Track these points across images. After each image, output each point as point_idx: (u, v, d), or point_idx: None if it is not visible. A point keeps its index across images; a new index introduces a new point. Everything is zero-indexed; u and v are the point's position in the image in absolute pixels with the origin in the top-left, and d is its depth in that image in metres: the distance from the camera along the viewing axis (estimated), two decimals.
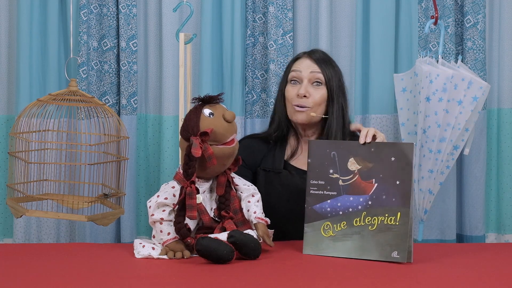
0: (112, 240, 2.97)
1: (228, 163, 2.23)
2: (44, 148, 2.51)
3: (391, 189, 2.19)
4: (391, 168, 2.20)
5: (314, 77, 2.50)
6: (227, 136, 2.19)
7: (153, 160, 2.98)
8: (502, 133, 2.99)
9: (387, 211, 2.18)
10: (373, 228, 2.19)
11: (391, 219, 2.18)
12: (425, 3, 2.96)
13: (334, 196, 2.26)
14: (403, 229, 2.16)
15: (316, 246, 2.25)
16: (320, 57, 2.54)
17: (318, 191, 2.28)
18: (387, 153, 2.21)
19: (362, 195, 2.22)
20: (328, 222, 2.25)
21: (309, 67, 2.51)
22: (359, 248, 2.19)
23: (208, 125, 2.17)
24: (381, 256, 2.16)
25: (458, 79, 2.65)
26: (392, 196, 2.18)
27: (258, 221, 2.26)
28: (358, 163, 2.24)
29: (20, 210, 2.37)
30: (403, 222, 2.16)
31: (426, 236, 2.97)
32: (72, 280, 1.97)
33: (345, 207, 2.24)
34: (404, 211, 2.16)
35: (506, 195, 3.00)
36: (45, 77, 2.91)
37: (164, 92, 2.92)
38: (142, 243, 2.24)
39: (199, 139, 2.15)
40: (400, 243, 2.15)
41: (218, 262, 2.10)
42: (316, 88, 2.50)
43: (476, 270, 2.11)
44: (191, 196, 2.15)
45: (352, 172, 2.24)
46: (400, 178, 2.18)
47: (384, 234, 2.17)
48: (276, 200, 2.48)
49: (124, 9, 2.92)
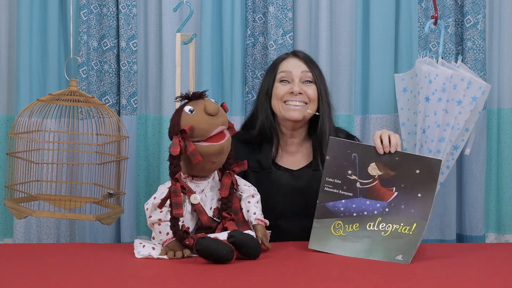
0: (112, 240, 2.97)
1: (218, 160, 2.22)
2: (44, 148, 2.51)
3: (411, 200, 2.20)
4: (414, 180, 2.21)
5: (305, 76, 2.53)
6: (210, 129, 2.18)
7: (153, 160, 2.98)
8: (502, 133, 2.99)
9: (403, 220, 2.20)
10: (386, 234, 2.21)
11: (405, 229, 2.19)
12: (425, 3, 2.96)
13: (350, 197, 2.27)
14: (415, 239, 2.17)
15: (324, 243, 2.26)
16: (306, 56, 2.59)
17: (333, 189, 2.29)
18: (412, 165, 2.23)
19: (380, 201, 2.24)
20: (340, 222, 2.26)
21: (299, 67, 2.54)
22: (366, 251, 2.20)
23: (188, 122, 2.17)
24: (386, 257, 2.18)
25: (457, 79, 2.65)
26: (412, 207, 2.20)
27: (258, 222, 2.27)
28: (379, 169, 2.26)
29: (25, 211, 2.37)
30: (417, 233, 2.18)
31: (426, 236, 2.97)
32: (72, 280, 1.97)
33: (360, 209, 2.25)
34: (421, 223, 2.18)
35: (506, 195, 2.99)
36: (45, 77, 2.91)
37: (164, 92, 2.92)
38: (142, 243, 2.25)
39: (179, 137, 2.15)
40: (408, 249, 2.16)
41: (218, 262, 2.10)
42: (308, 85, 2.52)
43: (476, 270, 2.11)
44: (176, 194, 2.15)
45: (372, 176, 2.26)
46: (422, 191, 2.19)
47: (395, 240, 2.19)
48: (268, 200, 2.48)
49: (124, 9, 2.92)
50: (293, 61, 2.56)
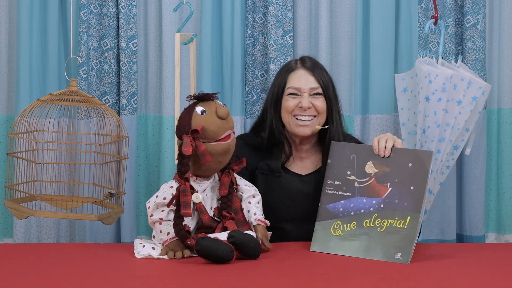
0: (112, 240, 2.97)
1: (224, 160, 2.23)
2: (44, 149, 2.51)
3: (404, 193, 2.21)
4: (407, 174, 2.23)
5: (313, 90, 2.51)
6: (220, 133, 2.19)
7: (153, 160, 2.98)
8: (502, 133, 2.99)
9: (398, 214, 2.21)
10: (381, 230, 2.22)
11: (400, 223, 2.20)
12: (425, 3, 2.96)
13: (348, 197, 2.29)
14: (410, 233, 2.18)
15: (324, 244, 2.27)
16: (313, 64, 2.55)
17: (333, 191, 2.32)
18: (405, 159, 2.25)
19: (375, 198, 2.25)
20: (339, 222, 2.28)
21: (307, 82, 2.51)
22: (365, 249, 2.21)
23: (200, 122, 2.17)
24: (385, 256, 2.18)
25: (457, 79, 2.65)
26: (405, 200, 2.21)
27: (258, 223, 2.27)
28: (375, 167, 2.28)
29: (26, 211, 2.37)
30: (412, 226, 2.19)
31: (426, 236, 2.97)
32: (72, 280, 1.97)
33: (357, 208, 2.27)
34: (414, 216, 2.19)
35: (506, 195, 2.99)
36: (45, 77, 2.91)
37: (164, 92, 2.92)
38: (142, 243, 2.25)
39: (190, 137, 2.15)
40: (406, 246, 2.17)
41: (218, 262, 2.10)
42: (317, 98, 2.51)
43: (476, 270, 2.11)
44: (185, 193, 2.15)
45: (368, 175, 2.28)
46: (414, 183, 2.21)
47: (391, 236, 2.20)
48: (275, 203, 2.48)
49: (124, 9, 2.92)
50: (302, 74, 2.53)
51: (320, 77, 2.52)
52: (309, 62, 2.56)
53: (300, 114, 2.50)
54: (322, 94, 2.51)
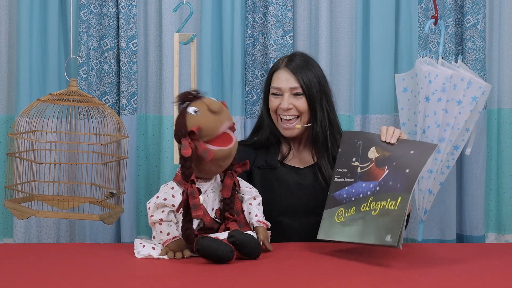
0: (112, 240, 2.97)
1: (225, 164, 2.23)
2: (44, 149, 2.51)
3: (399, 176, 2.20)
4: (406, 158, 2.22)
5: (293, 90, 2.53)
6: (217, 127, 2.18)
7: (153, 160, 2.98)
8: (502, 133, 2.99)
9: (390, 196, 2.19)
10: (375, 213, 2.20)
11: (391, 204, 2.18)
12: (425, 3, 2.96)
13: (351, 183, 2.29)
14: (399, 214, 2.14)
15: (329, 231, 2.27)
16: (297, 65, 2.55)
17: (340, 178, 2.33)
18: (408, 147, 2.26)
19: (373, 181, 2.24)
20: (342, 208, 2.28)
21: (288, 82, 2.53)
22: (360, 233, 2.19)
23: (195, 123, 2.17)
24: (377, 239, 2.15)
25: (457, 79, 2.65)
26: (398, 182, 2.19)
27: (259, 224, 2.27)
28: (377, 152, 2.28)
29: (27, 211, 2.37)
30: (401, 207, 2.14)
31: (426, 236, 2.97)
32: (72, 280, 1.97)
33: (357, 193, 2.27)
34: (405, 196, 2.15)
35: (506, 195, 2.99)
36: (45, 77, 2.91)
37: (164, 92, 2.92)
38: (142, 243, 2.24)
39: (188, 139, 2.15)
40: (394, 227, 2.13)
41: (218, 262, 2.10)
42: (298, 98, 2.53)
43: (476, 270, 2.11)
44: (194, 196, 2.14)
45: (370, 159, 2.27)
46: (411, 167, 2.19)
47: (383, 218, 2.16)
48: (272, 196, 2.49)
49: (124, 9, 2.92)
50: (283, 74, 2.55)
51: (301, 77, 2.53)
52: (294, 63, 2.56)
53: (282, 114, 2.53)
54: (303, 94, 2.52)
